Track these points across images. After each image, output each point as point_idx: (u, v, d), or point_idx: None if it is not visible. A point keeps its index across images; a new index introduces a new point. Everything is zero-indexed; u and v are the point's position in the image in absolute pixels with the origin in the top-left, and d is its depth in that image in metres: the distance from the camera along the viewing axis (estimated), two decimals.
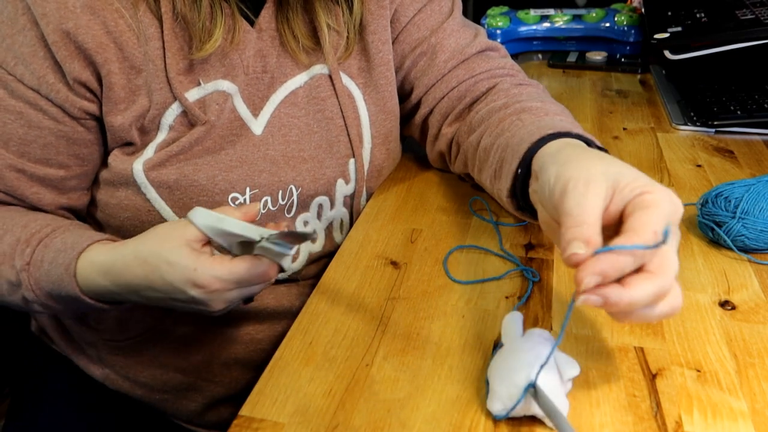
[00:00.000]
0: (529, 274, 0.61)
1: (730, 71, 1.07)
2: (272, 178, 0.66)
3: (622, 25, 1.26)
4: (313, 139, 0.68)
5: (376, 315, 0.57)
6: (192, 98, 0.62)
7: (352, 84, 0.71)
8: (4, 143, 0.61)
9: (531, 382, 0.44)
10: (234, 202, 0.65)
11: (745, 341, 0.53)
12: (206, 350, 0.70)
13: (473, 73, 0.73)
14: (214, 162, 0.64)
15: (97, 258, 0.56)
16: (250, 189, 0.65)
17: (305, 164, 0.68)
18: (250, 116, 0.65)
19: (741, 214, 0.61)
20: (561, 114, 0.63)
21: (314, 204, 0.70)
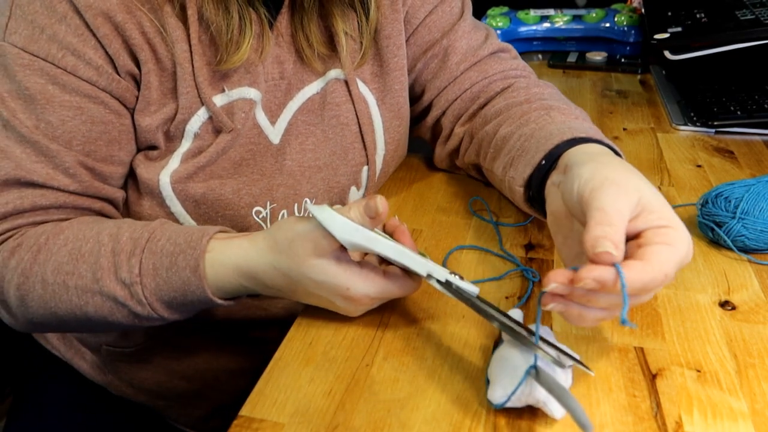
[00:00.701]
0: (529, 274, 0.61)
1: (730, 71, 1.07)
2: (288, 191, 0.66)
3: (622, 26, 1.26)
4: (328, 146, 0.67)
5: (376, 315, 0.57)
6: (218, 104, 0.61)
7: (366, 89, 0.70)
8: (67, 143, 0.57)
9: (532, 364, 0.44)
10: (257, 216, 0.64)
11: (745, 341, 0.53)
12: (212, 357, 0.70)
13: (486, 75, 0.74)
14: (238, 175, 0.63)
15: (228, 260, 0.52)
16: (270, 203, 0.65)
17: (320, 173, 0.67)
18: (268, 124, 0.64)
19: (741, 214, 0.61)
20: (588, 121, 0.63)
21: None
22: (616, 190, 0.43)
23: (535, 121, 0.61)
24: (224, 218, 0.63)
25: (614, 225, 0.41)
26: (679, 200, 0.74)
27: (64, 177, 0.57)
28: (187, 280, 0.52)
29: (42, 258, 0.54)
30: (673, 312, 0.56)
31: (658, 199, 0.44)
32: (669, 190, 0.77)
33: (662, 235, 0.42)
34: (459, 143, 0.74)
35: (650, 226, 0.42)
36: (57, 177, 0.57)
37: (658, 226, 0.42)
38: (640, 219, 0.43)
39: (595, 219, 0.42)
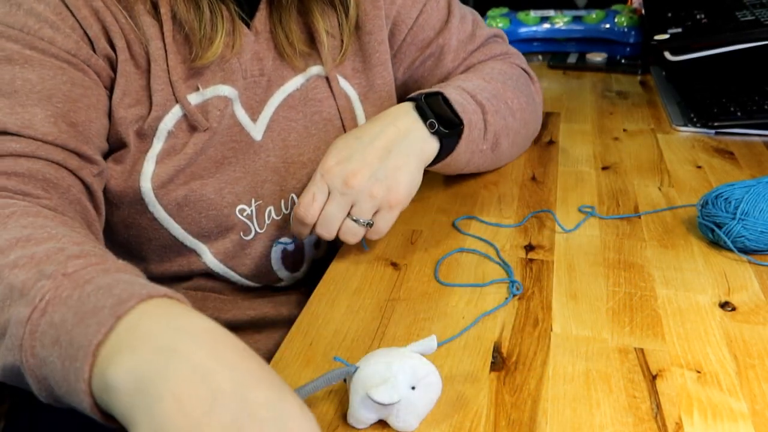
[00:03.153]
0: (512, 287, 0.60)
1: (730, 72, 1.07)
2: (274, 188, 0.66)
3: (622, 27, 1.26)
4: (311, 142, 0.68)
5: (376, 316, 0.57)
6: (192, 103, 0.61)
7: (347, 85, 0.70)
8: (47, 98, 0.53)
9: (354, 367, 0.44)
10: (242, 214, 0.64)
11: (745, 342, 0.53)
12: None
13: (470, 66, 0.79)
14: (219, 174, 0.63)
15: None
16: (255, 200, 0.65)
17: (305, 169, 0.67)
18: (249, 121, 0.65)
19: (741, 215, 0.61)
20: (452, 84, 0.69)
21: None
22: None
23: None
24: (208, 219, 0.63)
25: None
26: (679, 201, 0.74)
27: (41, 126, 0.52)
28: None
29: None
30: (673, 313, 0.56)
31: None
32: (669, 191, 0.77)
33: None
34: None
35: None
36: (34, 126, 0.52)
37: None
38: None
39: None
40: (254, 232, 0.66)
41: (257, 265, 0.68)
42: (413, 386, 0.44)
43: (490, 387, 0.49)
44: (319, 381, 0.44)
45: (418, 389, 0.44)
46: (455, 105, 0.64)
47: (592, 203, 0.74)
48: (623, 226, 0.70)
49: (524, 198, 0.76)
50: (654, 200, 0.75)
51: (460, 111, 0.64)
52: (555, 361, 0.51)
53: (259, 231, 0.67)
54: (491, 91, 0.70)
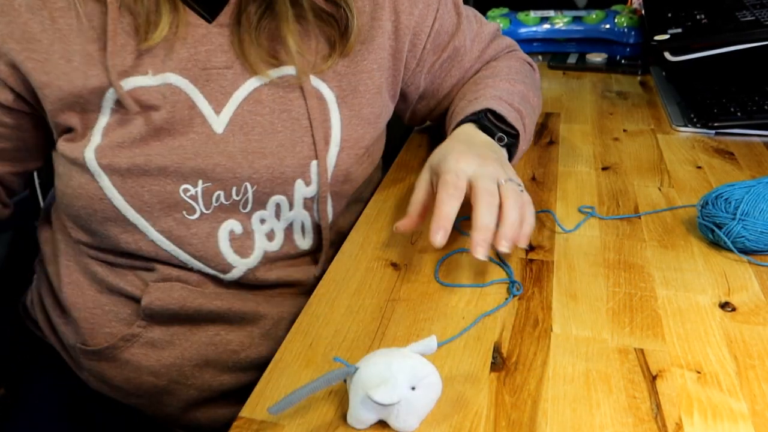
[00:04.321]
0: (513, 287, 0.60)
1: (730, 73, 1.07)
2: (227, 174, 0.65)
3: (622, 27, 1.26)
4: (275, 138, 0.67)
5: (377, 316, 0.57)
6: (133, 85, 0.62)
7: (323, 86, 0.69)
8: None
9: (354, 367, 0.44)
10: (185, 194, 0.65)
11: (745, 343, 0.53)
12: (177, 352, 0.70)
13: (484, 64, 0.85)
14: (167, 153, 0.63)
15: None
16: (203, 182, 0.65)
17: (264, 160, 0.66)
18: (211, 113, 0.65)
19: (741, 215, 0.61)
20: (481, 93, 0.77)
21: (271, 202, 0.68)
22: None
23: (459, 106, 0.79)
24: (151, 193, 0.64)
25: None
26: (679, 201, 0.74)
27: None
28: None
29: None
30: (673, 313, 0.56)
31: (436, 157, 0.65)
32: (669, 191, 0.77)
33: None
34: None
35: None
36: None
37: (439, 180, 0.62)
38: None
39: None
40: (199, 212, 0.66)
41: (204, 246, 0.67)
42: (413, 386, 0.44)
43: (490, 387, 0.49)
44: (319, 381, 0.44)
45: (418, 390, 0.44)
46: (508, 118, 0.73)
47: (592, 203, 0.74)
48: (623, 226, 0.70)
49: None
50: (654, 200, 0.75)
51: (513, 121, 0.73)
52: (555, 362, 0.51)
53: (205, 212, 0.66)
54: (519, 95, 0.78)
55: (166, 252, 0.67)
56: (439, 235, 0.57)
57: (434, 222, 0.58)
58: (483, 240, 0.57)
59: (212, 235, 0.67)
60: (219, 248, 0.68)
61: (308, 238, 0.72)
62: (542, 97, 0.88)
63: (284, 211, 0.69)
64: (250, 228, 0.68)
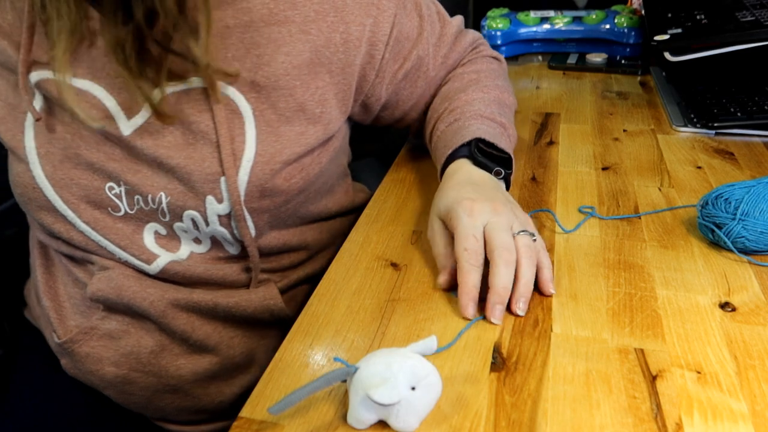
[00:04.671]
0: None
1: (731, 73, 1.07)
2: (144, 181, 0.66)
3: (622, 27, 1.26)
4: (185, 150, 0.65)
5: (377, 316, 0.57)
6: (42, 77, 0.64)
7: (241, 98, 0.66)
8: None
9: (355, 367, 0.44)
10: (110, 192, 0.66)
11: (745, 343, 0.53)
12: (132, 341, 0.71)
13: (449, 70, 0.83)
14: (94, 150, 0.65)
15: None
16: (124, 184, 0.66)
17: (175, 173, 0.65)
18: (123, 117, 0.65)
19: (741, 215, 0.61)
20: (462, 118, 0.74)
21: (186, 217, 0.67)
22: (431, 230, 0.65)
23: (434, 139, 0.77)
24: (79, 187, 0.65)
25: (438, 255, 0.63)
26: (680, 202, 0.74)
27: None
28: None
29: None
30: (674, 313, 0.56)
31: (442, 203, 0.63)
32: (669, 191, 0.77)
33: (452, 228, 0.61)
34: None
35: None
36: None
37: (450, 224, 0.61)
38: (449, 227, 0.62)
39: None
40: (124, 211, 0.67)
41: (129, 238, 0.68)
42: (413, 387, 0.44)
43: (490, 387, 0.49)
44: (319, 381, 0.44)
45: (418, 390, 0.44)
46: (499, 144, 0.70)
47: (592, 204, 0.74)
48: (623, 226, 0.70)
49: (524, 198, 0.76)
50: (654, 201, 0.75)
51: (504, 146, 0.71)
52: (555, 362, 0.51)
53: (129, 212, 0.67)
54: (496, 102, 0.77)
55: (94, 242, 0.68)
56: (470, 308, 0.56)
57: (463, 295, 0.56)
58: (501, 303, 0.56)
59: (137, 233, 0.68)
60: (144, 243, 0.69)
61: (237, 247, 0.71)
62: (514, 93, 0.86)
63: (201, 226, 0.67)
64: (174, 234, 0.69)
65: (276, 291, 0.73)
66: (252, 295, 0.72)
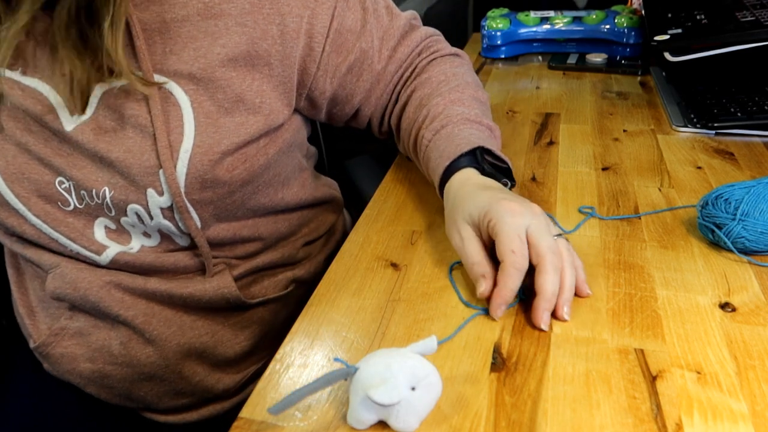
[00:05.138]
0: (520, 292, 0.58)
1: (731, 73, 1.07)
2: (89, 176, 0.66)
3: (622, 27, 1.26)
4: (124, 144, 0.65)
5: (377, 317, 0.57)
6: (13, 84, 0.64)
7: (178, 90, 0.66)
8: None
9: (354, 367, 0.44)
10: (60, 186, 0.66)
11: (745, 343, 0.53)
12: (102, 334, 0.72)
13: (401, 64, 0.80)
14: (42, 146, 0.65)
15: None
16: (70, 180, 0.66)
17: (115, 167, 0.66)
18: (66, 114, 0.65)
19: (741, 215, 0.61)
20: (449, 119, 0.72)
21: (130, 211, 0.67)
22: (459, 239, 0.61)
23: (423, 151, 0.73)
24: (30, 181, 0.66)
25: (474, 264, 0.59)
26: (680, 202, 0.74)
27: None
28: None
29: None
30: (674, 314, 0.56)
31: (476, 209, 0.60)
32: (669, 191, 0.77)
33: (492, 231, 0.57)
34: (391, 134, 0.84)
35: (488, 230, 0.58)
36: None
37: (488, 227, 0.58)
38: (482, 232, 0.59)
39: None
40: (73, 206, 0.67)
41: (79, 230, 0.69)
42: (413, 387, 0.44)
43: (490, 388, 0.49)
44: (319, 381, 0.44)
45: (418, 390, 0.44)
46: (495, 152, 0.69)
47: (592, 204, 0.74)
48: (623, 226, 0.70)
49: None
50: (654, 201, 0.75)
51: (501, 155, 0.69)
52: (555, 362, 0.51)
53: (78, 206, 0.67)
54: (474, 101, 0.76)
55: (46, 236, 0.68)
56: (500, 310, 0.56)
57: (499, 297, 0.55)
58: (550, 309, 0.55)
59: (88, 227, 0.69)
60: (95, 237, 0.69)
61: (186, 239, 0.71)
62: (486, 92, 0.84)
63: (145, 220, 0.68)
64: (123, 228, 0.69)
65: (230, 280, 0.73)
66: (206, 285, 0.72)
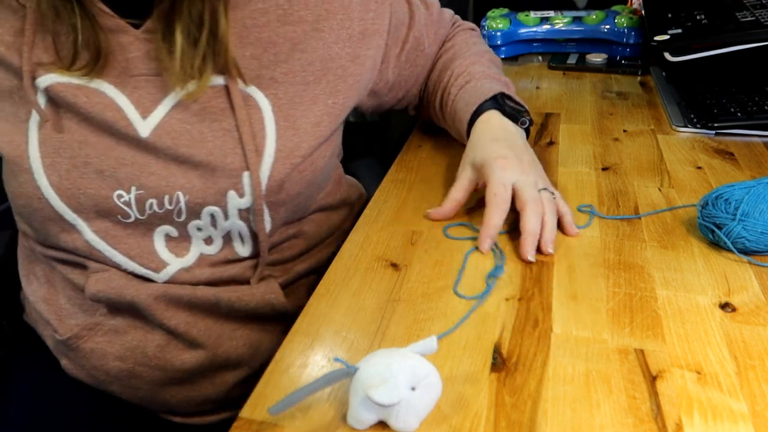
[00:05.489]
0: (496, 270, 0.63)
1: (731, 73, 1.07)
2: (160, 182, 0.65)
3: (622, 27, 1.26)
4: (205, 147, 0.66)
5: (377, 317, 0.57)
6: (52, 81, 0.63)
7: (259, 94, 0.68)
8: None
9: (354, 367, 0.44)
10: (119, 200, 0.65)
11: (745, 343, 0.53)
12: (139, 335, 0.71)
13: (441, 44, 0.91)
14: (104, 156, 0.64)
15: None
16: (135, 189, 0.65)
17: (196, 170, 0.66)
18: (138, 117, 0.65)
19: (741, 216, 0.61)
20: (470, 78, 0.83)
21: (205, 213, 0.68)
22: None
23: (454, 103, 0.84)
24: (87, 196, 0.65)
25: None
26: (679, 202, 0.74)
27: None
28: None
29: None
30: (674, 314, 0.56)
31: (479, 154, 0.72)
32: (669, 191, 0.77)
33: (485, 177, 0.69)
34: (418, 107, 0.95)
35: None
36: None
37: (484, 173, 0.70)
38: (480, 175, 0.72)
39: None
40: (134, 218, 0.67)
41: (139, 246, 0.68)
42: (413, 387, 0.44)
43: (490, 388, 0.49)
44: (319, 382, 0.44)
45: (418, 390, 0.44)
46: (515, 97, 0.80)
47: (592, 204, 0.74)
48: (623, 226, 0.70)
49: None
50: (654, 201, 0.75)
51: (516, 97, 0.80)
52: (555, 362, 0.51)
53: (140, 217, 0.67)
54: (492, 63, 0.87)
55: (99, 252, 0.68)
56: (486, 243, 0.66)
57: (484, 231, 0.66)
58: (532, 244, 0.65)
59: (147, 237, 0.68)
60: (154, 248, 0.69)
61: (247, 246, 0.71)
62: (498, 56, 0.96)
63: (219, 221, 0.68)
64: (187, 234, 0.69)
65: (277, 286, 0.73)
66: (254, 290, 0.72)
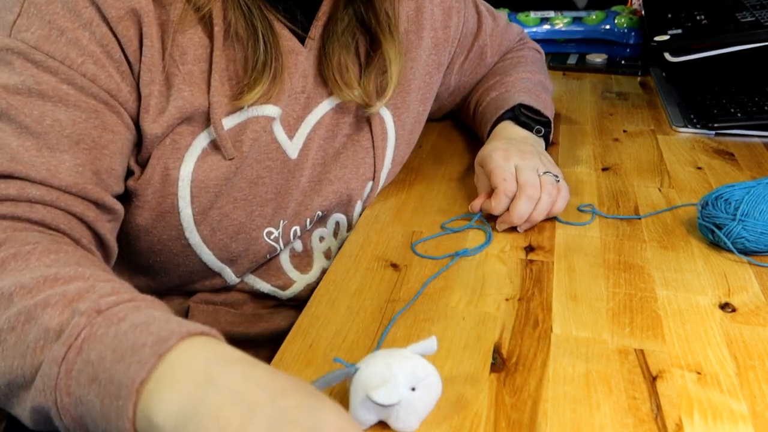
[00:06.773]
0: (476, 221, 0.69)
1: (731, 73, 1.07)
2: (299, 208, 0.66)
3: (622, 28, 1.26)
4: (338, 161, 0.67)
5: (377, 317, 0.57)
6: (230, 124, 0.58)
7: (383, 108, 0.70)
8: (75, 143, 0.50)
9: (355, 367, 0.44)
10: (269, 237, 0.64)
11: (745, 343, 0.53)
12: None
13: (503, 55, 0.93)
14: (251, 196, 0.61)
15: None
16: (282, 221, 0.65)
17: (331, 186, 0.67)
18: (285, 139, 0.63)
19: (741, 216, 0.61)
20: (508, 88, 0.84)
21: (331, 221, 0.70)
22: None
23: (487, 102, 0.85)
24: (237, 242, 0.62)
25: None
26: (679, 202, 0.74)
27: (67, 175, 0.50)
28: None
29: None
30: (674, 314, 0.56)
31: (486, 155, 0.71)
32: (669, 192, 0.77)
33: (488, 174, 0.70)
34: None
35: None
36: (59, 175, 0.49)
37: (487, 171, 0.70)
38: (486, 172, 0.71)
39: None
40: (279, 250, 0.67)
41: (268, 265, 0.68)
42: (413, 387, 0.44)
43: (491, 388, 0.49)
44: (319, 382, 0.44)
45: (418, 390, 0.44)
46: (539, 108, 0.80)
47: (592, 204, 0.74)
48: (623, 227, 0.70)
49: None
50: (654, 201, 0.75)
51: (543, 110, 0.80)
52: (555, 363, 0.51)
53: (282, 249, 0.67)
54: (540, 84, 0.86)
55: (232, 285, 0.67)
56: (502, 227, 0.68)
57: (500, 218, 0.68)
58: (509, 224, 0.67)
59: (277, 258, 0.69)
60: (281, 264, 0.69)
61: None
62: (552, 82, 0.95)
63: (342, 230, 0.71)
64: (310, 246, 0.70)
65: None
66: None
